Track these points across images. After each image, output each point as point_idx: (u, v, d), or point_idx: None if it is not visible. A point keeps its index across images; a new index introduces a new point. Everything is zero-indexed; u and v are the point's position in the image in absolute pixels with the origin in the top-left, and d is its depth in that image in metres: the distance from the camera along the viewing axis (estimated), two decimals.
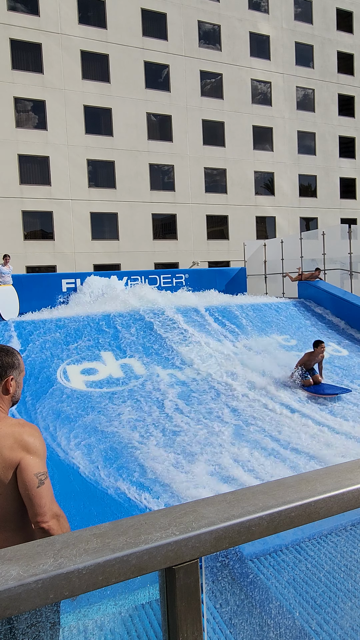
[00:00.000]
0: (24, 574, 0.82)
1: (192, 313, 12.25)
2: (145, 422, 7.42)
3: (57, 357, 9.61)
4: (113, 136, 25.96)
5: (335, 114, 32.78)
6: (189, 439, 6.84)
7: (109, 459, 6.21)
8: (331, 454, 6.31)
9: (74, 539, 0.93)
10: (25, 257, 24.08)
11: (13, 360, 1.84)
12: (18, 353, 1.92)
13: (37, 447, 1.71)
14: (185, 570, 0.94)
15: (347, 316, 13.23)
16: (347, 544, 2.39)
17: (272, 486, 1.12)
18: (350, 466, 1.22)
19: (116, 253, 26.21)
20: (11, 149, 23.65)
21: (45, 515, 1.64)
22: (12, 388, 1.82)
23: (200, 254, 28.14)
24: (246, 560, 2.66)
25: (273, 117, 30.57)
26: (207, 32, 28.36)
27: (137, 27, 26.31)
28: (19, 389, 1.88)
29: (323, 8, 32.05)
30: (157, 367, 9.63)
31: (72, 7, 24.76)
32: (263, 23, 29.97)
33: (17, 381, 1.85)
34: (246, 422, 7.55)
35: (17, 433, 1.71)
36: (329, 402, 8.51)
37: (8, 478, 1.65)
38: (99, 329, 10.97)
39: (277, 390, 8.94)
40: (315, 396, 8.69)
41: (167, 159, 27.36)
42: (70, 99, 24.83)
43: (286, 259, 17.98)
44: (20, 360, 1.89)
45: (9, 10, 23.40)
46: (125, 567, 0.88)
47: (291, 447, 6.65)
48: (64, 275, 15.71)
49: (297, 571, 2.50)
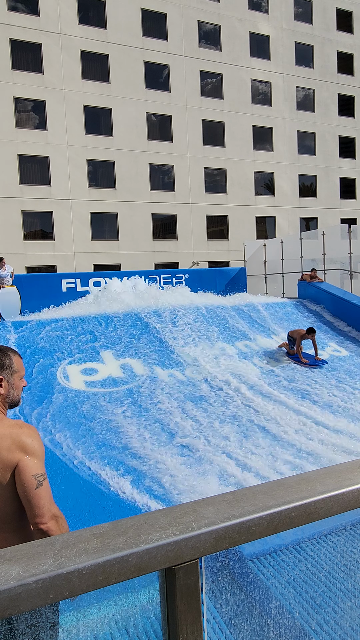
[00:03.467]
0: (24, 574, 0.82)
1: (193, 313, 12.25)
2: (145, 422, 7.42)
3: (57, 357, 9.61)
4: (113, 136, 25.97)
5: (335, 114, 32.79)
6: (189, 439, 6.84)
7: (108, 458, 6.21)
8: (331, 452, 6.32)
9: (74, 539, 0.93)
10: (25, 257, 24.08)
11: (3, 360, 1.81)
12: (14, 353, 1.88)
13: (36, 448, 1.70)
14: (185, 571, 0.94)
15: (347, 316, 13.23)
16: (347, 544, 2.39)
17: (272, 486, 1.12)
18: (350, 466, 1.22)
19: (116, 253, 26.21)
20: (11, 149, 23.65)
21: (43, 517, 1.64)
22: (3, 389, 1.80)
23: (200, 254, 28.14)
24: (246, 560, 2.66)
25: (273, 117, 30.57)
26: (207, 32, 28.36)
27: (137, 27, 26.31)
28: (15, 390, 1.84)
29: (323, 8, 32.05)
30: (157, 367, 9.63)
31: (72, 7, 24.76)
32: (263, 23, 29.97)
33: (10, 382, 1.82)
34: (246, 422, 7.55)
35: (15, 434, 1.70)
36: (331, 404, 8.51)
37: (6, 479, 1.65)
38: (99, 329, 10.97)
39: (277, 390, 8.94)
40: (295, 362, 10.39)
41: (167, 159, 27.37)
42: (70, 99, 24.84)
43: (286, 259, 17.98)
44: (15, 360, 1.85)
45: (9, 10, 23.41)
46: (125, 567, 0.88)
47: (291, 446, 6.65)
48: (64, 275, 15.71)
49: (297, 571, 2.50)
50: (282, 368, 10.14)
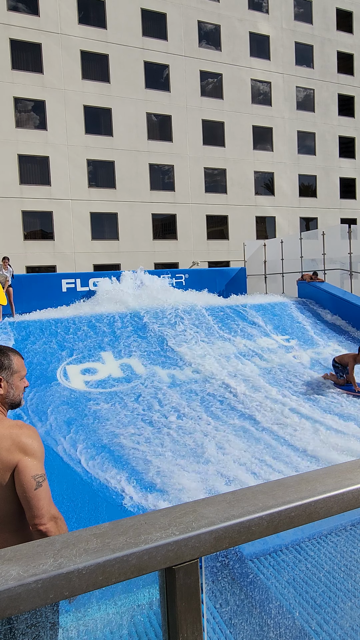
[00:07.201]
0: (24, 574, 0.82)
1: (192, 313, 12.25)
2: (145, 422, 7.42)
3: (57, 357, 9.61)
4: (113, 136, 25.97)
5: (335, 114, 32.79)
6: (189, 439, 6.84)
7: (108, 458, 6.21)
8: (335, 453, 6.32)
9: (74, 539, 0.93)
10: (25, 257, 24.08)
11: (3, 360, 1.80)
12: (15, 353, 1.87)
13: (35, 449, 1.70)
14: (185, 570, 0.94)
15: (347, 316, 13.23)
16: (347, 544, 2.39)
17: (272, 486, 1.12)
18: (350, 466, 1.22)
19: (116, 253, 26.21)
20: (11, 149, 23.65)
21: (42, 518, 1.63)
22: (2, 389, 1.79)
23: (200, 254, 28.14)
24: (246, 560, 2.66)
25: (273, 117, 30.57)
26: (207, 32, 28.37)
27: (137, 27, 26.31)
28: (14, 390, 1.83)
29: (323, 8, 32.05)
30: (157, 367, 9.64)
31: (72, 7, 24.76)
32: (263, 23, 29.97)
33: (9, 382, 1.81)
34: (247, 422, 7.55)
35: (15, 435, 1.69)
36: (331, 404, 8.51)
37: (5, 480, 1.65)
38: (99, 328, 10.97)
39: (276, 389, 8.94)
40: (348, 393, 8.67)
41: (167, 159, 27.37)
42: (70, 99, 24.84)
43: (286, 259, 17.98)
44: (15, 360, 1.84)
45: (9, 10, 23.41)
46: (125, 567, 0.88)
47: (291, 446, 6.65)
48: (64, 275, 15.71)
49: (297, 571, 2.50)
50: (281, 367, 10.13)
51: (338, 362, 8.91)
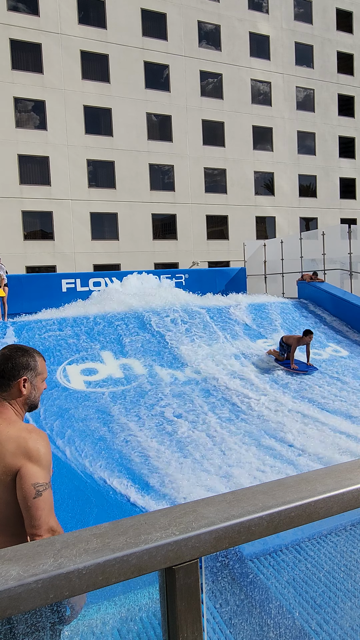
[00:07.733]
0: (24, 574, 0.82)
1: (192, 313, 12.25)
2: (145, 422, 7.42)
3: (56, 357, 9.61)
4: (113, 136, 25.97)
5: (335, 114, 32.80)
6: (189, 439, 6.84)
7: (108, 458, 6.21)
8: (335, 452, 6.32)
9: (74, 539, 0.93)
10: (25, 257, 24.08)
11: (29, 361, 1.77)
12: (39, 355, 1.84)
13: (40, 456, 1.63)
14: (185, 570, 0.94)
15: (347, 316, 13.23)
16: (347, 544, 2.39)
17: (272, 486, 1.12)
18: (350, 466, 1.22)
19: (116, 253, 26.21)
20: (11, 149, 23.65)
21: (39, 528, 1.58)
22: (25, 390, 1.75)
23: (200, 254, 28.15)
24: (246, 560, 2.66)
25: (273, 117, 30.58)
26: (207, 32, 28.37)
27: (137, 27, 26.32)
28: (36, 392, 1.80)
29: (323, 8, 32.06)
30: (157, 367, 9.64)
31: (72, 7, 24.77)
32: (263, 23, 29.98)
33: (32, 383, 1.77)
34: (247, 422, 7.55)
35: (22, 439, 1.65)
36: (332, 404, 8.52)
37: (7, 483, 1.61)
38: (98, 328, 10.97)
39: (276, 389, 8.95)
40: (285, 369, 9.91)
41: (167, 159, 27.37)
42: (70, 99, 24.84)
43: (286, 259, 17.98)
44: (39, 362, 1.81)
45: (9, 10, 23.41)
46: (125, 567, 0.88)
47: (291, 446, 6.66)
48: (64, 275, 15.71)
49: (297, 571, 2.50)
50: (279, 370, 10.13)
51: (284, 342, 10.11)
